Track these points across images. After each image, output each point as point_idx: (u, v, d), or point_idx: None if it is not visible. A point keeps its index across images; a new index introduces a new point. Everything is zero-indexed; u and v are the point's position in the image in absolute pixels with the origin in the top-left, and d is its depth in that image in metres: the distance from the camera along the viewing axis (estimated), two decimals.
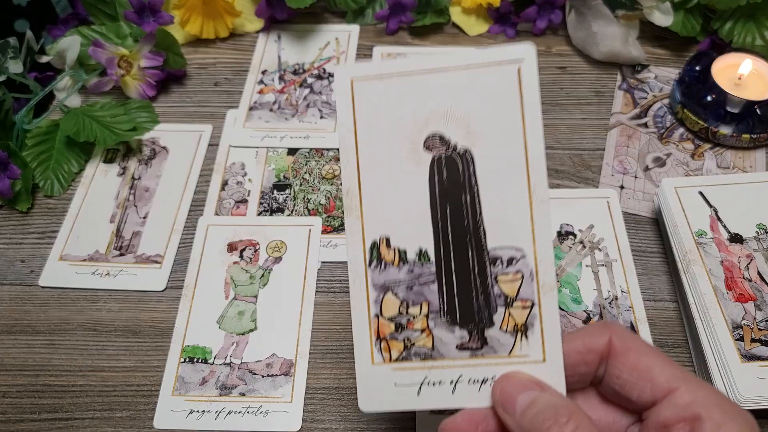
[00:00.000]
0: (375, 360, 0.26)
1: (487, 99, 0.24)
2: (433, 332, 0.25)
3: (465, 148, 0.25)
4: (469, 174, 0.25)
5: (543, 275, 0.24)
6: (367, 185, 0.25)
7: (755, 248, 0.39)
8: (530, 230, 0.24)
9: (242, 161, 0.48)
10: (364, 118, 0.25)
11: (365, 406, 0.25)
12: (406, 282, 0.25)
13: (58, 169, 0.47)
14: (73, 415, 0.36)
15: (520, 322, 0.24)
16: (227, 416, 0.36)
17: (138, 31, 0.51)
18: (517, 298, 0.25)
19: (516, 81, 0.24)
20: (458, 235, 0.25)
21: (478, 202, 0.25)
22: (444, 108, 0.25)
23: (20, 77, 0.49)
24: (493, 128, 0.24)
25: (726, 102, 0.46)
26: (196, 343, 0.39)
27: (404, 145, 0.25)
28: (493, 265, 0.25)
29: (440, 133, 0.25)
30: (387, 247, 0.25)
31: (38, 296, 0.42)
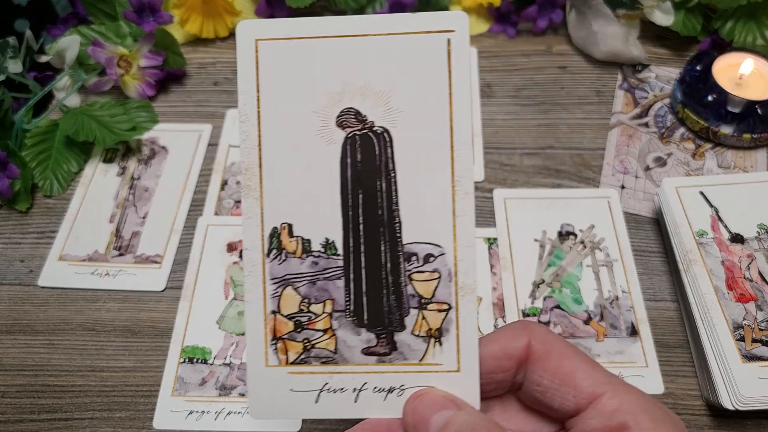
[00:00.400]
0: (269, 362, 0.23)
1: (411, 73, 0.21)
2: (337, 334, 0.23)
3: (383, 128, 0.22)
4: (387, 157, 0.22)
5: (462, 276, 0.22)
6: (270, 163, 0.22)
7: (756, 248, 0.39)
8: (452, 225, 0.22)
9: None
10: (269, 86, 0.22)
11: (256, 413, 0.23)
12: (309, 276, 0.22)
13: (57, 168, 0.47)
14: (72, 416, 0.36)
15: (434, 326, 0.22)
16: (227, 417, 0.36)
17: (137, 30, 0.51)
18: (433, 299, 0.22)
19: (445, 54, 0.21)
20: (370, 225, 0.22)
21: (395, 190, 0.22)
22: (362, 80, 0.22)
23: (19, 77, 0.49)
24: (416, 107, 0.22)
25: (727, 102, 0.45)
26: (195, 344, 0.39)
27: (314, 120, 0.22)
28: (408, 261, 0.22)
29: (356, 109, 0.22)
30: (289, 236, 0.22)
31: (37, 296, 0.42)
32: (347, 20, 0.22)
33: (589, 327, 0.38)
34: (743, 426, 0.35)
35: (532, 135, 0.49)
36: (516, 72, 0.53)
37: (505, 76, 0.53)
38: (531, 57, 0.54)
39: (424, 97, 0.22)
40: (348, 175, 0.22)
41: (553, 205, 0.44)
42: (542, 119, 0.50)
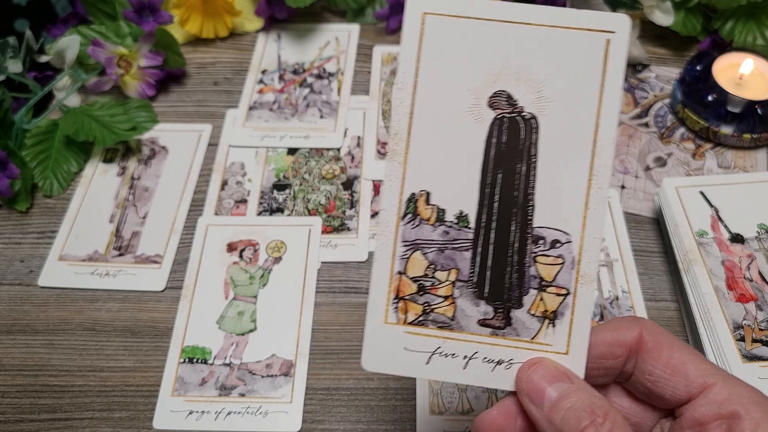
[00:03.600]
0: (388, 319, 0.24)
1: (567, 66, 0.22)
2: (457, 302, 0.23)
3: (532, 114, 0.23)
4: (531, 142, 0.23)
5: (585, 266, 0.23)
6: (418, 131, 0.23)
7: (756, 248, 0.39)
8: (582, 216, 0.23)
9: (242, 161, 0.48)
10: (430, 59, 0.23)
11: (369, 365, 0.24)
12: (439, 244, 0.23)
13: (57, 168, 0.47)
14: (72, 416, 0.36)
15: (550, 308, 0.23)
16: (227, 417, 0.36)
17: (137, 30, 0.51)
18: (553, 283, 0.23)
19: (602, 53, 0.22)
20: (505, 204, 0.23)
21: (534, 174, 0.23)
22: (519, 66, 0.23)
23: (19, 77, 0.49)
24: (567, 99, 0.22)
25: (727, 101, 0.45)
26: (195, 344, 0.39)
27: (467, 97, 0.23)
28: (535, 244, 0.23)
29: (508, 93, 0.23)
30: (426, 203, 0.23)
31: (37, 296, 0.42)
32: (516, 7, 0.23)
33: None
34: None
35: None
36: None
37: None
38: None
39: (576, 91, 0.22)
40: (491, 154, 0.23)
41: None
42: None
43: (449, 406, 0.36)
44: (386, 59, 0.54)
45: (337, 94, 0.52)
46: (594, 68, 0.22)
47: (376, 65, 0.54)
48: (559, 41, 0.22)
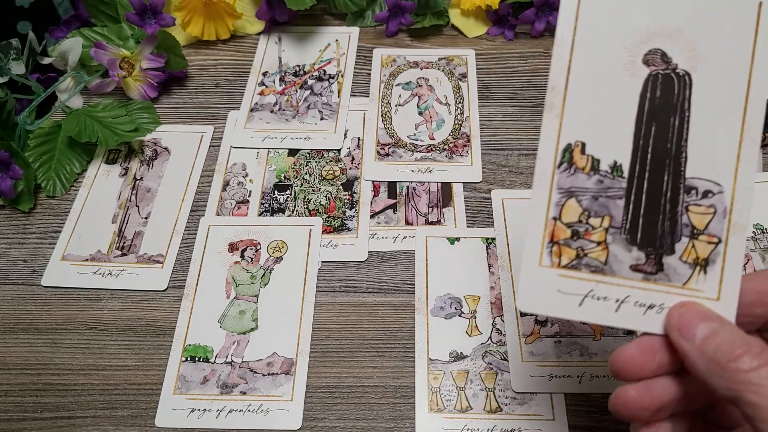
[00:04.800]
0: (543, 262, 0.24)
1: (721, 27, 0.23)
2: (610, 247, 0.24)
3: (685, 71, 0.24)
4: (684, 98, 0.24)
5: (737, 215, 0.23)
6: (575, 85, 0.24)
7: (752, 248, 0.39)
8: (734, 168, 0.23)
9: (243, 162, 0.48)
10: (588, 16, 0.24)
11: (524, 306, 0.24)
12: (593, 191, 0.24)
13: (60, 169, 0.48)
14: (75, 414, 0.37)
15: (702, 255, 0.23)
16: (228, 415, 0.36)
17: (139, 32, 0.51)
18: (705, 231, 0.23)
19: (755, 15, 0.23)
20: (658, 156, 0.24)
21: (686, 128, 0.24)
22: (673, 26, 0.24)
23: (22, 78, 0.49)
24: (720, 58, 0.23)
25: None
26: (197, 342, 0.39)
27: (623, 54, 0.24)
28: (687, 194, 0.24)
29: (663, 50, 0.24)
30: (581, 153, 0.24)
31: (40, 296, 0.42)
32: None
33: (586, 326, 0.39)
34: None
35: (529, 136, 0.49)
36: (514, 74, 0.54)
37: (503, 78, 0.53)
38: (528, 59, 0.55)
39: (729, 49, 0.23)
40: (645, 108, 0.24)
41: None
42: (540, 121, 0.50)
43: (448, 404, 0.36)
44: (386, 61, 0.55)
45: (338, 96, 0.52)
46: (747, 30, 0.23)
47: (376, 67, 0.54)
48: (714, 3, 0.23)
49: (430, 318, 0.40)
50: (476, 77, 0.53)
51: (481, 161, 0.48)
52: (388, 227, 0.44)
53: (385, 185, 0.47)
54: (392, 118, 0.51)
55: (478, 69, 0.54)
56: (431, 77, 0.53)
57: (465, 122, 0.50)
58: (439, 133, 0.50)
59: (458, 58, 0.55)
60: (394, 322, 0.40)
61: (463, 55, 0.55)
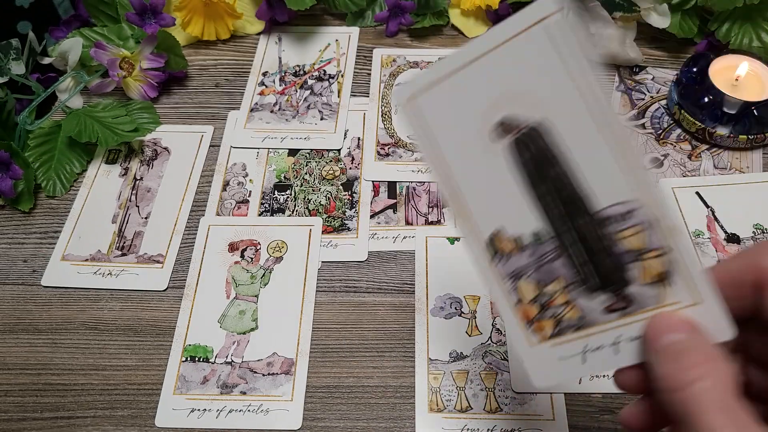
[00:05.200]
0: (532, 341, 0.26)
1: (532, 68, 0.23)
2: (577, 303, 0.25)
3: (538, 122, 0.24)
4: (552, 145, 0.24)
5: (666, 219, 0.23)
6: (467, 190, 0.26)
7: None
8: (634, 179, 0.23)
9: (243, 162, 0.48)
10: (438, 127, 0.25)
11: (540, 383, 0.26)
12: (533, 264, 0.25)
13: (60, 169, 0.48)
14: (75, 414, 0.37)
15: (657, 271, 0.23)
16: (228, 415, 0.36)
17: (139, 32, 0.51)
18: (647, 248, 0.23)
19: (548, 44, 0.23)
20: (566, 206, 0.24)
21: (571, 169, 0.24)
22: (500, 92, 0.24)
23: (22, 78, 0.49)
24: (551, 93, 0.23)
25: (723, 103, 0.46)
26: (197, 342, 0.39)
27: (483, 140, 0.25)
28: (606, 224, 0.24)
29: (508, 117, 0.24)
30: (501, 239, 0.25)
31: (40, 296, 0.42)
32: (467, 50, 0.24)
33: None
34: None
35: None
36: None
37: None
38: None
39: (552, 82, 0.23)
40: (527, 173, 0.25)
41: None
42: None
43: (448, 404, 0.36)
44: (386, 61, 0.55)
45: (338, 96, 0.52)
46: (551, 59, 0.23)
47: (376, 67, 0.54)
48: (514, 53, 0.23)
49: (430, 318, 0.40)
50: None
51: None
52: (388, 227, 0.44)
53: (385, 185, 0.47)
54: (392, 118, 0.51)
55: None
56: None
57: None
58: None
59: None
60: (394, 322, 0.40)
61: None
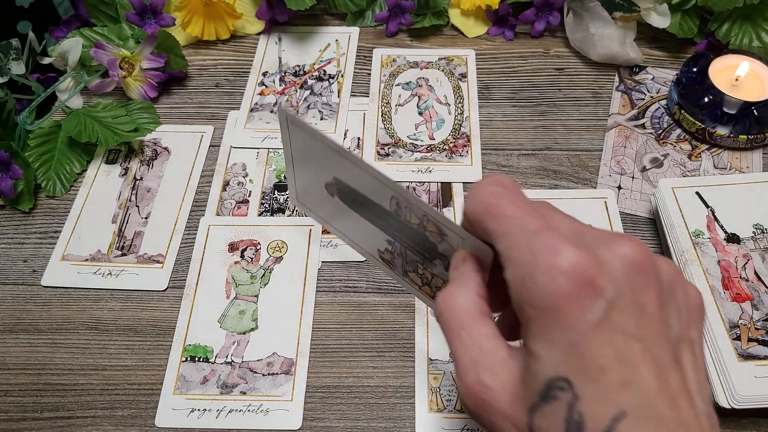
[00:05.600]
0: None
1: (307, 147, 0.31)
2: (434, 273, 0.29)
3: (333, 178, 0.31)
4: (347, 186, 0.30)
5: (409, 197, 0.27)
6: (354, 238, 0.33)
7: (752, 248, 0.39)
8: (380, 183, 0.27)
9: (243, 162, 0.48)
10: (322, 212, 0.34)
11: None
12: (403, 260, 0.30)
13: (60, 169, 0.48)
14: (75, 414, 0.37)
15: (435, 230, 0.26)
16: (228, 415, 0.36)
17: (139, 32, 0.51)
18: (420, 219, 0.27)
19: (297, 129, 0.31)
20: (381, 217, 0.30)
21: (363, 194, 0.29)
22: (312, 170, 0.32)
23: (22, 78, 0.49)
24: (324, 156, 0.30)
25: (723, 103, 0.46)
26: (197, 342, 0.39)
27: (335, 201, 0.32)
28: (399, 216, 0.28)
29: (324, 183, 0.32)
30: (383, 253, 0.31)
31: (40, 296, 0.42)
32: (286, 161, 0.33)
33: None
34: (740, 424, 0.35)
35: (529, 136, 0.49)
36: (514, 74, 0.54)
37: (503, 78, 0.53)
38: (528, 59, 0.55)
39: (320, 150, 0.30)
40: (356, 210, 0.31)
41: None
42: (540, 121, 0.50)
43: (448, 404, 0.36)
44: (386, 61, 0.55)
45: (338, 96, 0.52)
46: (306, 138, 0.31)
47: (376, 67, 0.54)
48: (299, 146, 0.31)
49: (430, 318, 0.40)
50: (476, 77, 0.53)
51: (481, 161, 0.48)
52: None
53: None
54: (392, 118, 0.51)
55: (478, 69, 0.54)
56: (431, 77, 0.53)
57: (465, 122, 0.50)
58: (439, 133, 0.50)
59: (458, 58, 0.55)
60: (394, 322, 0.40)
61: (463, 55, 0.55)
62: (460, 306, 0.22)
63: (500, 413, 0.20)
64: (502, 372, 0.20)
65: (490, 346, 0.21)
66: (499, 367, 0.21)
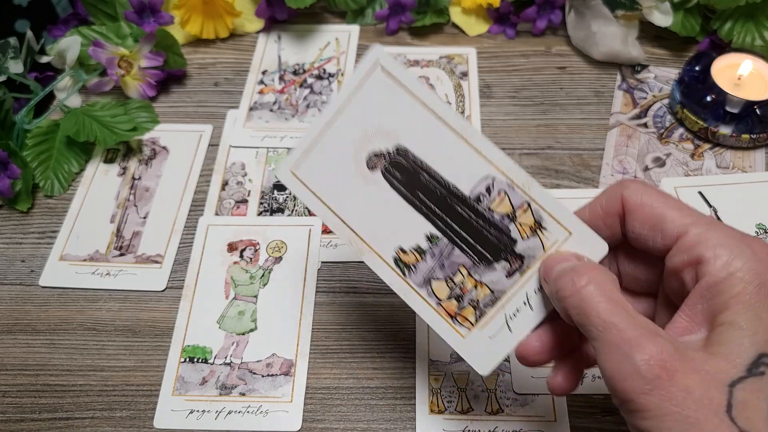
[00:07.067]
0: (462, 333, 0.28)
1: (380, 103, 0.28)
2: (483, 280, 0.27)
3: (395, 147, 0.28)
4: (413, 160, 0.28)
5: (517, 179, 0.27)
6: (360, 228, 0.29)
7: None
8: (482, 158, 0.27)
9: (242, 161, 0.48)
10: (322, 189, 0.29)
11: (485, 370, 0.28)
12: (436, 264, 0.28)
13: (58, 168, 0.47)
14: (73, 415, 0.36)
15: (530, 223, 0.27)
16: (227, 416, 0.36)
17: (138, 31, 0.51)
18: (515, 208, 0.27)
19: (387, 77, 0.28)
20: (442, 203, 0.28)
21: (434, 171, 0.28)
22: (359, 134, 0.28)
23: (20, 77, 0.49)
24: (400, 117, 0.28)
25: (726, 102, 0.46)
26: (196, 343, 0.39)
27: (361, 181, 0.29)
28: (480, 202, 0.27)
29: (371, 153, 0.29)
30: (404, 254, 0.29)
31: (38, 296, 0.42)
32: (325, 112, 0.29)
33: None
34: None
35: (531, 135, 0.49)
36: (515, 72, 0.53)
37: (505, 77, 0.53)
38: (530, 57, 0.54)
39: (399, 108, 0.28)
40: (403, 190, 0.28)
41: None
42: (541, 120, 0.50)
43: (449, 405, 0.36)
44: None
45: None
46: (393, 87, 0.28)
47: None
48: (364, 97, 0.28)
49: None
50: (477, 76, 0.53)
51: None
52: None
53: None
54: None
55: (479, 67, 0.54)
56: (432, 76, 0.53)
57: None
58: None
59: (459, 56, 0.54)
60: (395, 322, 0.40)
61: (464, 54, 0.55)
62: (606, 282, 0.23)
63: (681, 386, 0.20)
64: (675, 344, 0.21)
65: (648, 320, 0.22)
66: (670, 337, 0.21)
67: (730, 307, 0.21)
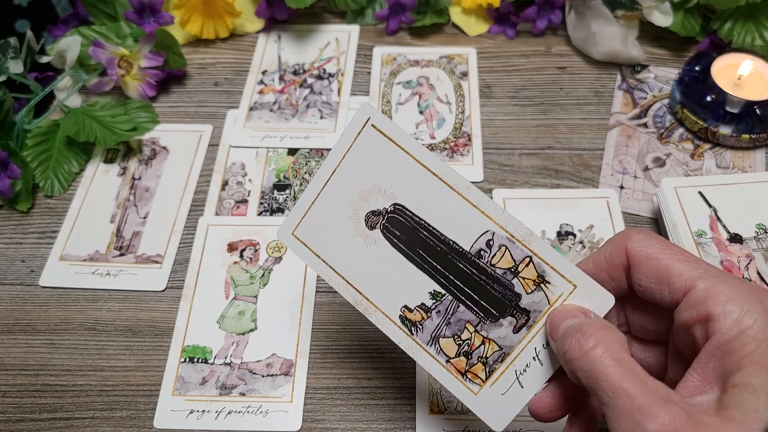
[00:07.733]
0: (474, 390, 0.27)
1: (374, 161, 0.28)
2: (491, 337, 0.27)
3: (393, 205, 0.28)
4: (411, 217, 0.28)
5: (517, 233, 0.26)
6: (365, 288, 0.29)
7: (755, 248, 0.39)
8: (480, 212, 0.27)
9: (242, 161, 0.48)
10: (324, 251, 0.29)
11: (498, 426, 0.27)
12: (442, 321, 0.28)
13: (58, 168, 0.47)
14: (73, 415, 0.36)
15: (534, 276, 0.26)
16: (227, 416, 0.36)
17: (138, 31, 0.51)
18: (517, 262, 0.26)
19: (379, 135, 0.27)
20: (443, 260, 0.27)
21: (433, 228, 0.27)
22: (356, 193, 0.28)
23: (20, 77, 0.49)
24: (395, 175, 0.28)
25: (726, 102, 0.46)
26: (196, 343, 0.39)
27: (362, 240, 0.29)
28: (481, 257, 0.27)
29: (369, 212, 0.28)
30: (410, 312, 0.28)
31: (38, 296, 0.42)
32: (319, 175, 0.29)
33: None
34: None
35: (531, 135, 0.49)
36: (515, 72, 0.53)
37: (505, 77, 0.53)
38: (530, 58, 0.54)
39: (393, 165, 0.28)
40: (404, 249, 0.28)
41: (552, 205, 0.44)
42: (541, 119, 0.50)
43: (449, 405, 0.36)
44: (386, 60, 0.54)
45: (337, 95, 0.52)
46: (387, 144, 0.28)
47: (376, 66, 0.54)
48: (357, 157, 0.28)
49: None
50: (477, 76, 0.53)
51: (482, 160, 0.47)
52: None
53: None
54: (392, 116, 0.50)
55: (479, 67, 0.54)
56: (432, 76, 0.53)
57: (466, 121, 0.50)
58: (439, 132, 0.49)
59: (459, 56, 0.54)
60: None
61: (464, 54, 0.55)
62: (615, 344, 0.22)
63: None
64: (688, 410, 0.20)
65: (659, 383, 0.21)
66: (682, 402, 0.21)
67: (743, 367, 0.20)
